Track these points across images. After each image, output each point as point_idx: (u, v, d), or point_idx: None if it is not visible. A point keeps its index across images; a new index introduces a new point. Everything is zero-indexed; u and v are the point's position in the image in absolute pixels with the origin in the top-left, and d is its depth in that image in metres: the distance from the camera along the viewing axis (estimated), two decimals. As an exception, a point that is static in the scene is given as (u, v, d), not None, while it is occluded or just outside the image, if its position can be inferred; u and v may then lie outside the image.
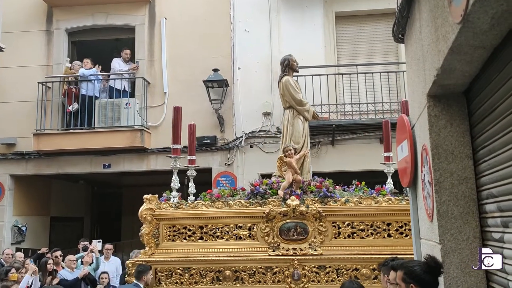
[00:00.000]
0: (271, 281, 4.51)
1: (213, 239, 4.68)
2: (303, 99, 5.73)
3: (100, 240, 7.85)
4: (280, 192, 4.77)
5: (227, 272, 4.54)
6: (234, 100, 8.59)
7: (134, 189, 12.64)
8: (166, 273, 4.62)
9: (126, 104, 8.55)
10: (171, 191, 5.24)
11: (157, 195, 4.99)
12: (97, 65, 8.95)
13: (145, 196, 4.86)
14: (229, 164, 8.47)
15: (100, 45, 9.67)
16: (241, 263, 4.56)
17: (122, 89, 8.77)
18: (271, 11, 8.78)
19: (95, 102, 8.65)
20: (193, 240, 4.70)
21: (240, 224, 4.68)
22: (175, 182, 5.08)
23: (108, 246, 7.87)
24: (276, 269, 4.55)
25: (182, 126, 5.27)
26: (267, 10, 8.80)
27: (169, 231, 4.74)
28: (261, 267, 4.57)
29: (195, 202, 4.84)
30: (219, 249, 4.63)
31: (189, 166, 5.34)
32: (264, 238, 4.62)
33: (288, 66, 5.73)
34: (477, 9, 1.66)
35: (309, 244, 4.60)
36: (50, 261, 6.84)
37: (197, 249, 4.65)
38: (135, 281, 5.42)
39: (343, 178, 7.24)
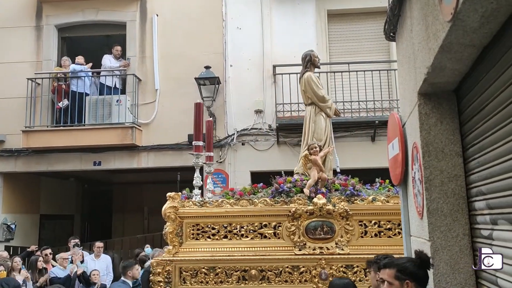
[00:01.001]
0: (298, 280, 4.43)
1: (238, 237, 4.60)
2: (325, 95, 5.63)
3: (77, 241, 7.77)
4: (306, 190, 4.70)
5: (253, 272, 4.46)
6: (226, 98, 8.57)
7: (125, 186, 12.62)
8: (191, 272, 4.53)
9: (117, 101, 8.49)
10: (193, 189, 5.14)
11: (179, 193, 4.90)
12: (89, 64, 8.88)
13: (168, 194, 4.79)
14: (220, 162, 8.45)
15: (90, 41, 9.59)
16: (267, 262, 4.49)
17: (113, 86, 8.70)
18: (263, 9, 8.76)
19: (86, 99, 8.58)
20: (217, 239, 4.62)
21: (265, 223, 4.61)
22: (197, 180, 5.02)
23: (99, 244, 7.83)
24: (303, 268, 4.48)
25: (202, 122, 5.23)
26: (259, 8, 8.78)
27: (193, 230, 4.66)
28: (287, 267, 4.49)
29: (220, 200, 4.75)
30: (244, 248, 4.56)
31: (208, 163, 5.22)
32: (289, 237, 4.56)
33: (310, 62, 5.63)
34: (467, 8, 1.66)
35: (336, 243, 4.53)
36: (40, 259, 6.80)
37: (221, 248, 4.57)
38: (122, 278, 5.41)
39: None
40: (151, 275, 4.54)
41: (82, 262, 6.92)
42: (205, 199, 4.99)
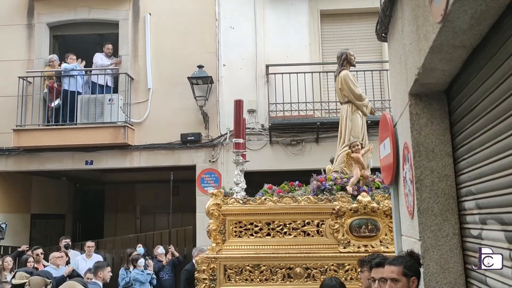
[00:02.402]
0: (343, 278, 4.36)
1: (281, 235, 4.56)
2: (362, 94, 5.64)
3: (68, 242, 7.74)
4: (349, 188, 4.67)
5: (298, 270, 4.43)
6: (219, 97, 8.56)
7: (117, 186, 12.56)
8: (235, 269, 4.50)
9: (110, 100, 8.45)
10: (232, 188, 5.10)
11: (222, 190, 4.86)
12: (80, 60, 8.82)
13: (212, 191, 4.73)
14: (213, 161, 8.45)
15: (83, 40, 9.53)
16: (311, 260, 4.45)
17: (105, 84, 8.65)
18: (256, 8, 8.76)
19: (78, 98, 8.53)
20: (260, 237, 4.57)
21: (308, 221, 4.57)
22: (237, 177, 4.96)
23: (90, 243, 7.80)
24: (348, 266, 4.43)
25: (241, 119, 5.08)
26: (252, 7, 8.78)
27: (235, 227, 4.62)
28: (332, 265, 4.45)
29: (263, 197, 4.70)
30: (288, 245, 4.52)
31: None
32: (333, 234, 4.51)
33: (346, 60, 5.62)
34: (457, 9, 1.68)
35: (381, 241, 4.49)
36: (31, 258, 6.76)
37: (265, 245, 4.53)
38: (93, 279, 5.33)
39: (327, 176, 7.30)
40: (196, 272, 4.51)
41: (68, 263, 6.94)
42: (233, 192, 4.92)
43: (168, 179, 8.14)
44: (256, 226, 4.57)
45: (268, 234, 4.55)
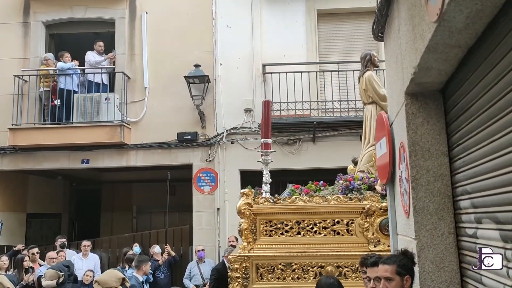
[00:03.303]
0: None
1: (311, 234, 4.58)
2: (386, 94, 5.64)
3: (64, 241, 7.73)
4: (378, 188, 4.67)
5: (329, 268, 4.43)
6: (215, 96, 8.56)
7: (113, 185, 12.53)
8: (267, 268, 4.51)
9: (106, 99, 8.42)
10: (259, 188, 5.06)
11: (253, 190, 4.85)
12: (75, 60, 8.78)
13: (242, 190, 4.73)
14: (210, 160, 8.44)
15: (79, 39, 9.48)
16: (343, 259, 4.46)
17: (101, 82, 8.61)
18: (253, 8, 8.76)
19: (74, 97, 8.49)
20: (290, 236, 4.59)
21: (337, 220, 4.59)
22: (266, 177, 4.95)
23: (86, 243, 7.78)
24: None
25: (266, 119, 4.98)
26: (249, 6, 8.78)
27: (266, 226, 4.62)
28: None
29: (293, 197, 4.70)
30: (319, 244, 4.54)
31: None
32: (363, 233, 4.52)
33: (370, 61, 5.63)
34: (453, 8, 1.68)
35: None
36: (26, 258, 6.74)
37: (296, 244, 4.55)
38: (134, 273, 5.34)
39: (323, 175, 7.30)
40: (229, 271, 4.51)
41: None
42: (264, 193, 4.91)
43: (165, 179, 8.12)
44: (287, 225, 4.58)
45: (298, 233, 4.56)
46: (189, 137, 8.41)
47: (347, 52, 8.64)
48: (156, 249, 7.82)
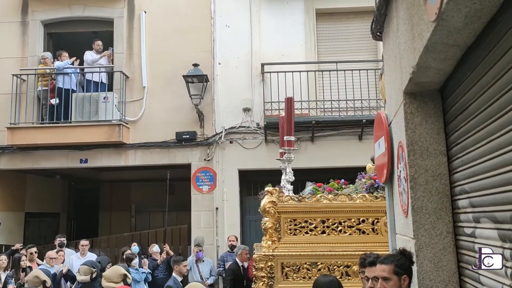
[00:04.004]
0: None
1: (336, 233, 4.53)
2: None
3: (63, 240, 7.73)
4: None
5: (355, 268, 4.35)
6: (214, 96, 8.55)
7: (112, 184, 12.52)
8: (292, 267, 4.48)
9: (104, 98, 8.40)
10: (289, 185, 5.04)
11: (277, 188, 4.82)
12: (74, 58, 8.76)
13: (267, 188, 4.69)
14: (208, 160, 8.43)
15: (77, 38, 9.47)
16: None
17: (100, 81, 8.60)
18: (251, 7, 8.75)
19: (72, 96, 8.48)
20: (314, 234, 4.55)
21: (363, 218, 4.54)
22: (289, 175, 4.92)
23: (84, 242, 7.77)
24: None
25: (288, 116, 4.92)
26: (247, 6, 8.77)
27: (290, 225, 4.59)
28: None
29: (318, 195, 4.67)
30: (344, 243, 4.49)
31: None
32: (388, 232, 4.56)
33: None
34: (451, 8, 1.68)
35: None
36: (24, 257, 6.73)
37: (321, 243, 4.51)
38: (173, 274, 5.43)
39: (322, 174, 7.30)
40: (254, 270, 4.48)
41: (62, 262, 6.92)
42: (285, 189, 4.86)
43: (163, 178, 8.11)
44: (311, 223, 4.54)
45: (323, 232, 4.53)
46: (188, 136, 8.41)
47: (346, 51, 8.64)
48: (155, 248, 7.81)
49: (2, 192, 9.28)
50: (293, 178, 4.95)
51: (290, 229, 4.56)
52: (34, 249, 7.26)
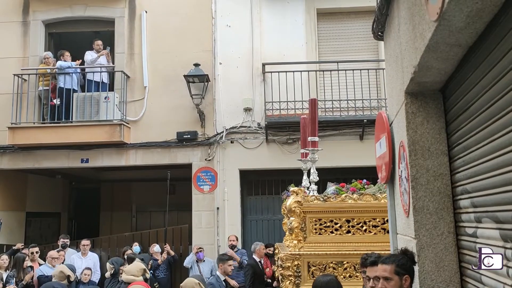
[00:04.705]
0: None
1: (361, 232, 4.53)
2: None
3: (66, 241, 7.74)
4: None
5: None
6: (215, 95, 8.55)
7: (113, 184, 12.53)
8: (319, 266, 4.48)
9: (105, 98, 8.41)
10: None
11: (302, 188, 4.81)
12: (79, 61, 8.77)
13: (292, 188, 4.71)
14: (209, 160, 8.43)
15: (78, 38, 9.48)
16: None
17: (100, 81, 8.60)
18: (252, 6, 8.75)
19: (73, 96, 8.49)
20: (340, 234, 4.55)
21: (387, 218, 4.49)
22: (314, 175, 4.92)
23: (85, 242, 7.78)
24: None
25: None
26: (248, 5, 8.77)
27: (315, 224, 4.60)
28: None
29: (343, 195, 4.67)
30: (370, 243, 4.48)
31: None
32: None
33: None
34: (453, 7, 1.68)
35: None
36: (26, 257, 6.74)
37: (346, 242, 4.51)
38: (216, 272, 5.45)
39: (323, 174, 7.29)
40: (281, 269, 4.48)
41: (63, 262, 6.92)
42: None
43: (164, 177, 8.12)
44: (336, 223, 4.55)
45: (348, 232, 4.53)
46: (189, 136, 8.41)
47: (347, 51, 8.64)
48: (156, 248, 7.82)
49: (3, 191, 9.29)
50: (317, 178, 4.92)
51: (315, 229, 4.58)
52: (36, 249, 7.27)
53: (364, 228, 4.52)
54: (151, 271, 7.25)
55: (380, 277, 2.34)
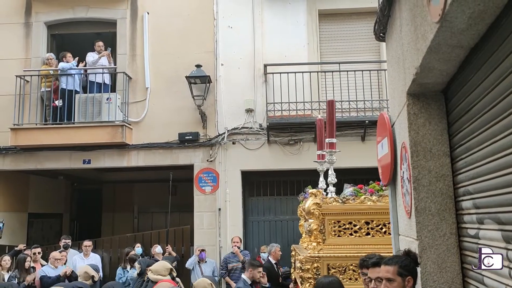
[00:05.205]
0: None
1: (380, 234, 4.50)
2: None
3: (67, 242, 7.75)
4: None
5: None
6: (216, 96, 8.56)
7: (115, 185, 12.55)
8: (339, 268, 4.45)
9: (107, 99, 8.42)
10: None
11: (321, 190, 4.80)
12: (77, 58, 8.78)
13: (311, 190, 4.68)
14: (211, 161, 8.44)
15: (80, 39, 9.50)
16: None
17: (102, 82, 8.62)
18: (254, 8, 8.76)
19: (75, 97, 8.50)
20: (359, 236, 4.51)
21: None
22: (332, 177, 4.91)
23: (87, 243, 7.79)
24: None
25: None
26: (250, 7, 8.78)
27: (334, 226, 4.57)
28: None
29: (362, 197, 4.62)
30: (389, 245, 4.39)
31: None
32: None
33: None
34: (455, 9, 1.68)
35: None
36: (28, 258, 6.75)
37: (366, 244, 4.46)
38: (242, 275, 5.47)
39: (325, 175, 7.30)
40: (300, 271, 4.47)
41: (65, 263, 6.95)
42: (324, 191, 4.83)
43: (166, 178, 8.13)
44: (355, 225, 4.52)
45: (367, 234, 4.50)
46: (191, 137, 8.42)
47: (349, 52, 8.64)
48: (157, 249, 7.82)
49: (6, 192, 9.31)
50: (335, 180, 4.90)
51: (334, 231, 4.55)
52: (38, 250, 7.28)
53: (384, 230, 4.48)
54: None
55: (383, 278, 2.34)
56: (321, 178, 5.25)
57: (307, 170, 8.22)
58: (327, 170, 4.97)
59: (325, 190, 5.00)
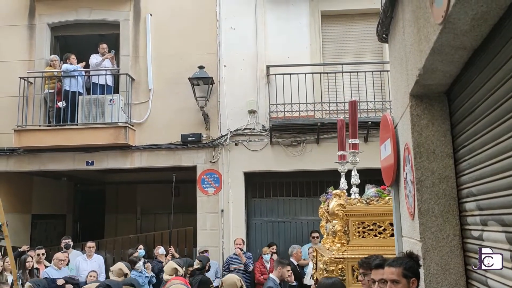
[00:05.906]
0: None
1: None
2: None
3: (68, 242, 7.76)
4: None
5: None
6: (219, 98, 8.56)
7: (118, 186, 12.57)
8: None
9: (110, 100, 8.45)
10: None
11: (345, 191, 4.78)
12: (84, 63, 8.82)
13: (334, 191, 4.65)
14: (214, 162, 8.44)
15: (84, 41, 9.54)
16: None
17: (105, 83, 8.64)
18: (257, 9, 8.77)
19: (79, 98, 8.53)
20: (384, 237, 4.46)
21: None
22: (355, 178, 4.88)
23: (90, 244, 7.79)
24: None
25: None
26: (253, 8, 8.78)
27: (358, 228, 4.52)
28: None
29: (386, 198, 4.55)
30: None
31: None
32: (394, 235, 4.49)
33: None
34: (458, 10, 1.68)
35: None
36: (29, 258, 6.76)
37: (390, 246, 4.33)
38: (271, 275, 5.43)
39: (327, 177, 7.29)
40: (325, 272, 4.46)
41: (67, 264, 6.95)
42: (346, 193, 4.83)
43: (169, 180, 8.14)
44: (380, 226, 4.48)
45: (392, 235, 4.38)
46: (193, 138, 8.43)
47: (351, 53, 8.63)
48: (160, 250, 7.83)
49: (9, 194, 9.34)
50: (359, 180, 4.86)
51: (358, 232, 4.51)
52: (42, 251, 7.30)
53: None
54: (155, 273, 7.26)
55: (388, 280, 2.33)
56: (342, 179, 5.21)
57: (310, 171, 8.23)
58: (350, 170, 4.93)
59: (347, 190, 4.98)
